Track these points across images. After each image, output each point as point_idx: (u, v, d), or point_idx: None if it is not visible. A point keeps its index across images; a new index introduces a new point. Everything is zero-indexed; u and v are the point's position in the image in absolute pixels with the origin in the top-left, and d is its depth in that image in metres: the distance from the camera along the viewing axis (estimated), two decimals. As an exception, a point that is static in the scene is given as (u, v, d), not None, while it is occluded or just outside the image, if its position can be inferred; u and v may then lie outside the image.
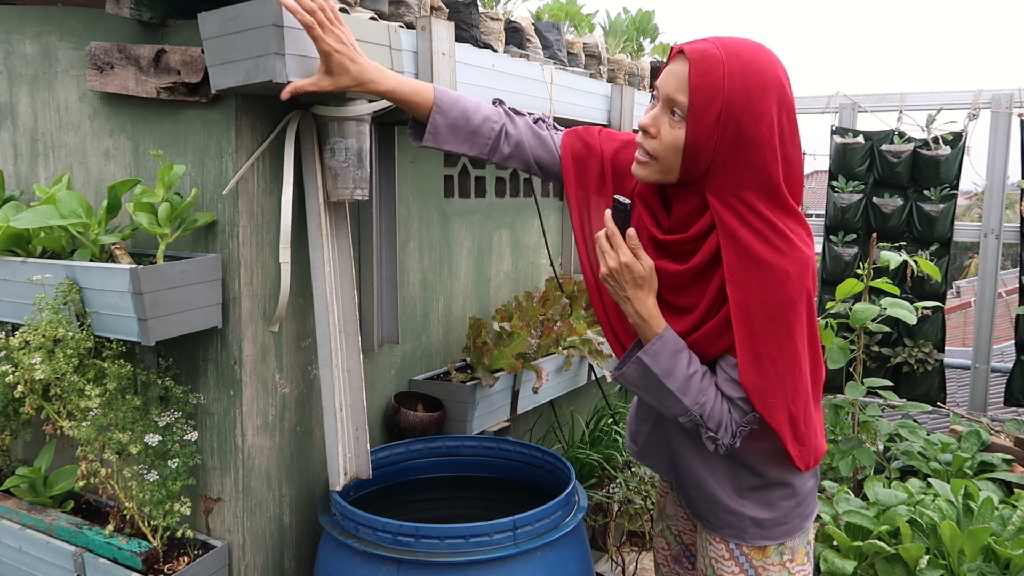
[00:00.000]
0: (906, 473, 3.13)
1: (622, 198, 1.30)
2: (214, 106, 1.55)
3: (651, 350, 1.29)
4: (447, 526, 1.50)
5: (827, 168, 4.16)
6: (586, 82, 2.51)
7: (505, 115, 1.50)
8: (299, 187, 1.62)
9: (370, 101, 1.64)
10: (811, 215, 5.90)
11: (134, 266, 1.40)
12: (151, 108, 1.63)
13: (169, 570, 1.55)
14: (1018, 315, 3.74)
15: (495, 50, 2.10)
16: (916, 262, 2.94)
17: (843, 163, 4.05)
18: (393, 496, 1.93)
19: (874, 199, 4.01)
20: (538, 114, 1.57)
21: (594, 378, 2.64)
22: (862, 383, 2.91)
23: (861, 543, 2.26)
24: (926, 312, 3.78)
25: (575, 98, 2.42)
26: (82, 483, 1.51)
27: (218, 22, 1.41)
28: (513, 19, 2.37)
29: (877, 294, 3.05)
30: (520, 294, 2.53)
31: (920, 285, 3.87)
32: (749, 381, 1.26)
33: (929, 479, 2.68)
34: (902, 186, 3.97)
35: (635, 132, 1.41)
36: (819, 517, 2.45)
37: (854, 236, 4.06)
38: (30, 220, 1.50)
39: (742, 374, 1.26)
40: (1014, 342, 3.77)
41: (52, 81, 1.77)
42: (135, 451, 1.50)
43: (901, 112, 4.05)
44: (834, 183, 4.07)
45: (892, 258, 2.85)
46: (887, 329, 3.07)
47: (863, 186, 4.02)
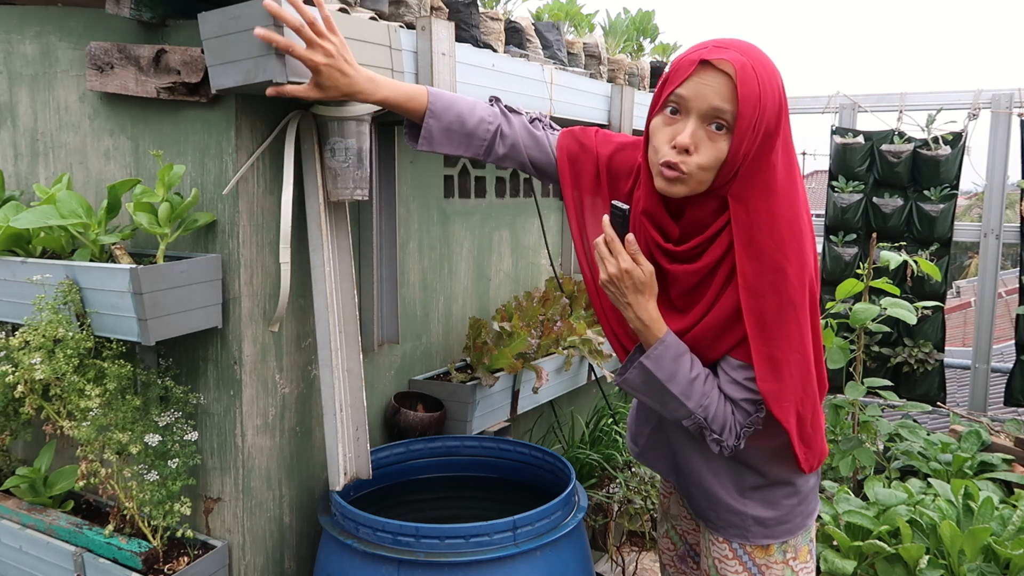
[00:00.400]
0: (906, 473, 3.13)
1: (620, 203, 1.28)
2: (214, 106, 1.55)
3: (653, 354, 1.28)
4: (447, 526, 1.50)
5: (827, 168, 4.16)
6: (586, 82, 2.51)
7: (501, 114, 1.49)
8: (299, 187, 1.62)
9: (370, 101, 1.64)
10: (811, 215, 5.90)
11: (134, 266, 1.40)
12: (151, 108, 1.63)
13: (169, 570, 1.55)
14: (1018, 315, 3.74)
15: (495, 50, 2.10)
16: (916, 262, 2.93)
17: (843, 163, 4.05)
18: (393, 496, 1.93)
19: (874, 199, 4.00)
20: (535, 113, 1.55)
21: (594, 378, 2.64)
22: (862, 383, 2.91)
23: (861, 543, 2.26)
24: (926, 312, 3.78)
25: (575, 98, 2.42)
26: (82, 483, 1.51)
27: (218, 22, 1.41)
28: (513, 19, 2.37)
29: (877, 294, 3.05)
30: (520, 294, 2.53)
31: (920, 285, 3.87)
32: (766, 386, 1.26)
33: (929, 479, 2.68)
34: (902, 186, 3.97)
35: (634, 134, 1.40)
36: (819, 517, 2.45)
37: (854, 236, 4.05)
38: (30, 220, 1.50)
39: (760, 380, 1.26)
40: (1014, 342, 3.77)
41: (52, 81, 1.77)
42: (135, 451, 1.50)
43: (901, 112, 4.05)
44: (834, 183, 4.07)
45: (892, 258, 2.84)
46: (887, 329, 3.07)
47: (863, 186, 4.02)
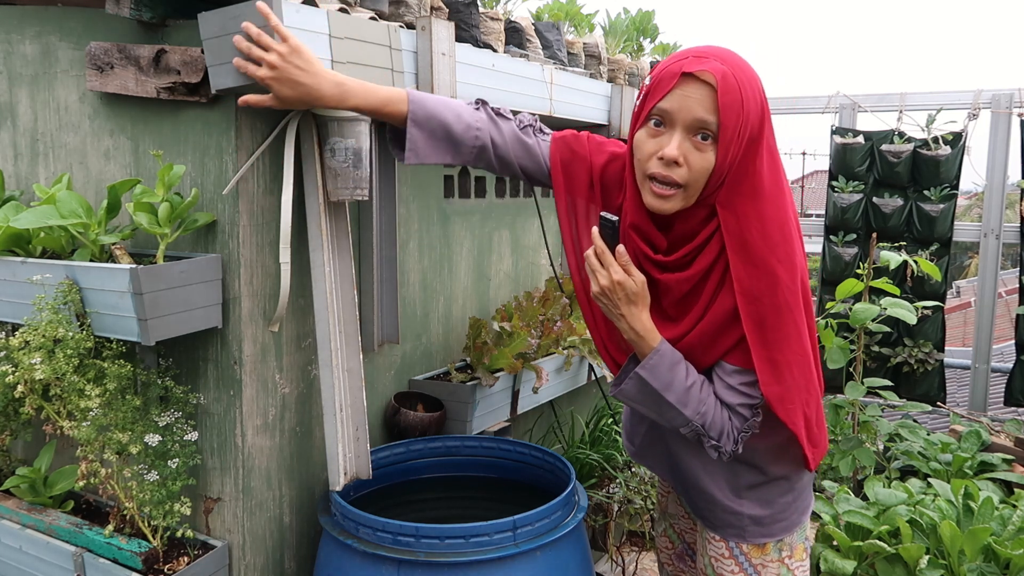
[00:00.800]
0: (906, 473, 3.13)
1: (609, 215, 1.27)
2: (214, 106, 1.55)
3: (648, 364, 1.27)
4: (447, 526, 1.50)
5: (827, 168, 4.16)
6: (586, 82, 2.51)
7: (489, 120, 1.44)
8: (299, 187, 1.62)
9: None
10: (811, 215, 5.90)
11: (134, 266, 1.40)
12: (151, 108, 1.63)
13: (169, 570, 1.55)
14: (1018, 315, 3.74)
15: (495, 50, 2.10)
16: (916, 262, 2.94)
17: (843, 163, 4.05)
18: (393, 496, 1.93)
19: (874, 199, 4.00)
20: (526, 117, 1.50)
21: (594, 378, 2.64)
22: (862, 383, 2.91)
23: (861, 543, 2.26)
24: (926, 312, 3.78)
25: (575, 98, 2.42)
26: (82, 483, 1.51)
27: (218, 22, 1.41)
28: (513, 19, 2.37)
29: (877, 294, 3.05)
30: (520, 294, 2.53)
31: (920, 285, 3.87)
32: (769, 390, 1.25)
33: (929, 479, 2.68)
34: (902, 186, 3.97)
35: (622, 141, 1.39)
36: (819, 517, 2.45)
37: (854, 236, 4.06)
38: (30, 220, 1.50)
39: (763, 384, 1.25)
40: (1014, 342, 3.77)
41: (52, 81, 1.77)
42: (135, 451, 1.50)
43: (901, 112, 4.05)
44: (834, 183, 4.07)
45: (892, 258, 2.84)
46: (887, 329, 3.07)
47: (863, 186, 4.02)
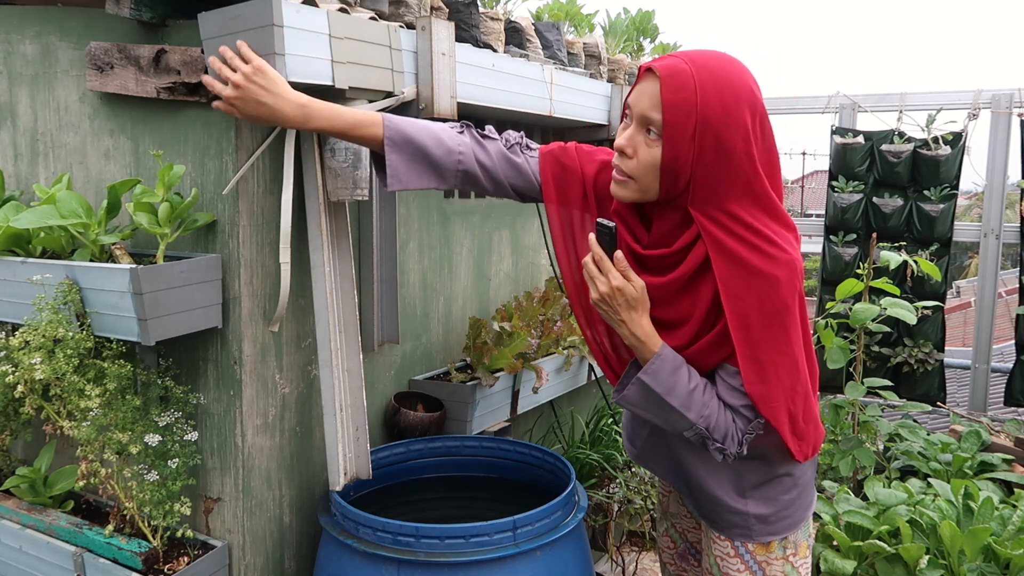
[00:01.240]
0: (906, 473, 3.13)
1: (606, 221, 1.27)
2: (214, 106, 1.55)
3: (651, 369, 1.27)
4: (447, 526, 1.50)
5: (827, 168, 4.15)
6: (586, 82, 2.51)
7: (473, 142, 1.44)
8: (299, 187, 1.62)
9: (370, 101, 1.64)
10: (811, 215, 5.90)
11: (134, 266, 1.40)
12: (151, 108, 1.63)
13: (169, 570, 1.55)
14: (1018, 315, 3.74)
15: (495, 50, 2.10)
16: (916, 262, 2.93)
17: (843, 163, 4.05)
18: (393, 496, 1.93)
19: (874, 199, 4.00)
20: (512, 136, 1.49)
21: (594, 378, 2.64)
22: (862, 383, 2.91)
23: (861, 543, 2.26)
24: (926, 312, 3.77)
25: (575, 98, 2.42)
26: (82, 483, 1.51)
27: (218, 22, 1.42)
28: (513, 19, 2.37)
29: (877, 294, 3.05)
30: (520, 294, 2.53)
31: (920, 285, 3.87)
32: (753, 388, 1.26)
33: (929, 479, 2.67)
34: (902, 186, 3.97)
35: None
36: (820, 517, 2.45)
37: (854, 236, 4.05)
38: (30, 220, 1.50)
39: (746, 382, 1.26)
40: (1014, 342, 3.77)
41: (52, 81, 1.77)
42: (135, 451, 1.50)
43: (901, 112, 4.05)
44: (834, 183, 4.07)
45: (892, 258, 2.84)
46: (887, 329, 3.06)
47: (863, 186, 4.02)
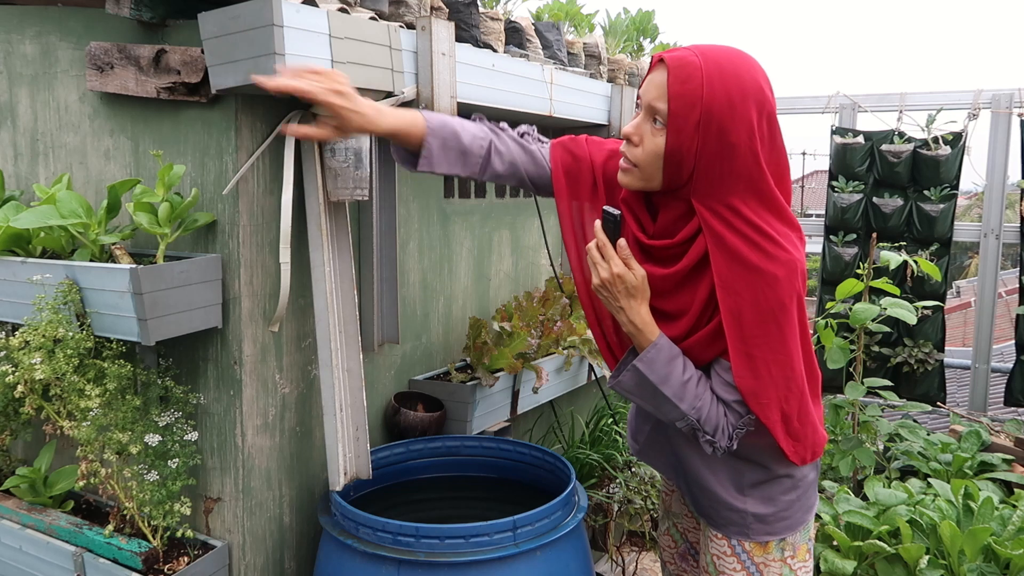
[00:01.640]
0: (906, 473, 3.13)
1: (612, 209, 1.30)
2: (214, 106, 1.55)
3: (646, 357, 1.29)
4: (447, 526, 1.50)
5: (827, 168, 4.15)
6: (586, 82, 2.51)
7: (491, 131, 1.47)
8: (299, 187, 1.62)
9: (370, 101, 1.64)
10: (811, 215, 5.90)
11: (134, 266, 1.40)
12: (151, 108, 1.63)
13: (169, 570, 1.55)
14: (1018, 315, 3.74)
15: (495, 50, 2.10)
16: (916, 262, 2.93)
17: (843, 163, 4.05)
18: (393, 496, 1.93)
19: (874, 199, 4.00)
20: (523, 127, 1.53)
21: (594, 378, 2.64)
22: (862, 383, 2.91)
23: (861, 543, 2.26)
24: (926, 312, 3.77)
25: (575, 98, 2.42)
26: (82, 483, 1.51)
27: (218, 22, 1.41)
28: (513, 19, 2.37)
29: (877, 294, 3.05)
30: (520, 294, 2.53)
31: (920, 285, 3.87)
32: (743, 383, 1.27)
33: (929, 479, 2.68)
34: (902, 186, 3.97)
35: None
36: (819, 517, 2.45)
37: (854, 236, 4.05)
38: (30, 220, 1.50)
39: (736, 376, 1.27)
40: (1014, 342, 3.77)
41: (52, 81, 1.77)
42: (135, 451, 1.50)
43: (901, 112, 4.05)
44: (834, 183, 4.07)
45: (892, 258, 2.84)
46: (887, 329, 3.06)
47: (863, 186, 4.02)
